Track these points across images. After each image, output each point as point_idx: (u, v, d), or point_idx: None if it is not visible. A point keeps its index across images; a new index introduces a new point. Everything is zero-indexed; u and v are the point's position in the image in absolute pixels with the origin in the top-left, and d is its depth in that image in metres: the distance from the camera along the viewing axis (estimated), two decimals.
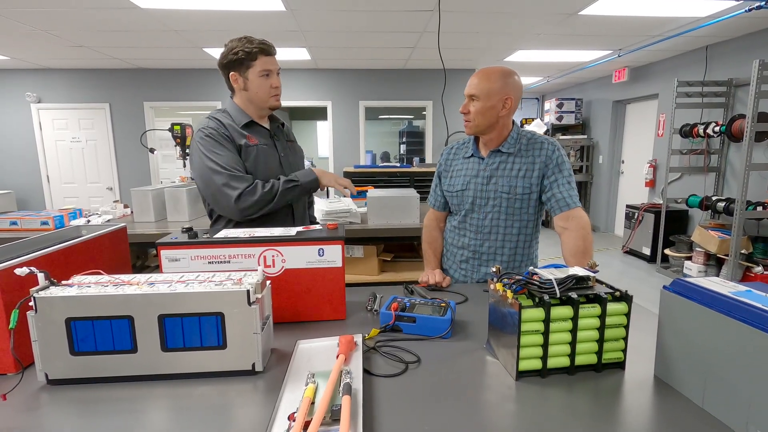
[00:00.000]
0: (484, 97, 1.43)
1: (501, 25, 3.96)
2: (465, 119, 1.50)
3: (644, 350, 0.93)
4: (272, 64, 1.52)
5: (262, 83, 1.51)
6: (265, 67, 1.49)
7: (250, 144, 1.53)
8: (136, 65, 5.62)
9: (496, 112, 1.44)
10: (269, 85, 1.52)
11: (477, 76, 1.45)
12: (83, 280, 0.92)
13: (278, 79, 1.55)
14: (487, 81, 1.43)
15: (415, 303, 1.15)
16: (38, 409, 0.80)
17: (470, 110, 1.47)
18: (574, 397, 0.82)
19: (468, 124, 1.50)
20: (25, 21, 3.65)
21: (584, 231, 1.41)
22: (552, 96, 8.24)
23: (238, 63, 1.49)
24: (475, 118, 1.46)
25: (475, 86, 1.44)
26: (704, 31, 4.09)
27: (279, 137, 1.65)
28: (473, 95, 1.45)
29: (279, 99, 1.57)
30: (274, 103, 1.56)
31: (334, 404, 0.72)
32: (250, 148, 1.52)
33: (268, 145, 1.59)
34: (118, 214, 2.84)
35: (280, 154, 1.62)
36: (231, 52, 1.49)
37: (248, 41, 1.49)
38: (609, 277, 1.24)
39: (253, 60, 1.48)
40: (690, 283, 0.81)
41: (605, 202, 6.92)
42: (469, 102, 1.47)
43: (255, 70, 1.49)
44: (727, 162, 4.68)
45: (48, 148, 5.97)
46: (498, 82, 1.42)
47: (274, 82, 1.53)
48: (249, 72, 1.50)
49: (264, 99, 1.54)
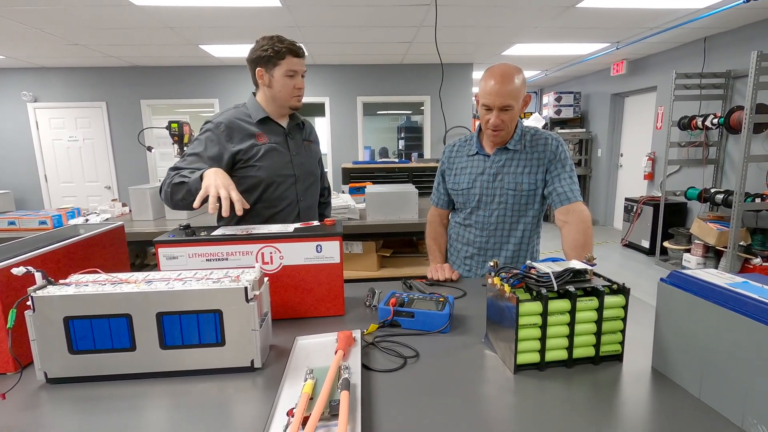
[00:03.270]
0: (516, 103, 1.38)
1: (498, 18, 3.94)
2: (496, 131, 1.42)
3: (642, 342, 0.94)
4: (299, 65, 1.54)
5: (287, 83, 1.53)
6: (291, 68, 1.52)
7: (258, 143, 1.55)
8: (132, 63, 5.60)
9: (519, 112, 1.42)
10: (293, 85, 1.54)
11: (500, 84, 1.35)
12: (81, 279, 0.92)
13: (302, 81, 1.57)
14: (511, 85, 1.35)
15: (413, 298, 1.15)
16: (37, 407, 0.80)
17: (503, 120, 1.39)
18: (572, 390, 0.82)
19: (501, 134, 1.44)
20: (20, 19, 3.63)
21: (584, 225, 1.41)
22: (550, 89, 8.22)
23: (266, 60, 1.52)
24: (508, 126, 1.42)
25: (508, 95, 1.35)
26: (702, 22, 4.07)
27: (294, 136, 1.67)
28: (508, 106, 1.37)
29: (300, 100, 1.59)
30: (296, 104, 1.59)
31: (333, 399, 0.73)
32: (257, 147, 1.54)
33: (279, 144, 1.60)
34: (117, 213, 2.84)
35: (292, 153, 1.63)
36: (260, 49, 1.51)
37: (279, 40, 1.51)
38: (608, 270, 1.24)
39: (280, 59, 1.51)
40: (687, 275, 0.81)
41: (604, 195, 6.92)
42: (500, 113, 1.38)
43: (281, 69, 1.52)
44: (725, 154, 4.68)
45: (45, 148, 5.95)
46: (518, 81, 1.37)
47: (298, 83, 1.55)
48: (275, 70, 1.52)
49: (286, 98, 1.57)
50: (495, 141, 1.49)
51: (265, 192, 1.56)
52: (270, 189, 1.57)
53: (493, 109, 1.39)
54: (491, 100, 1.37)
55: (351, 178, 3.80)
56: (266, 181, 1.55)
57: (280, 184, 1.58)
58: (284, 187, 1.59)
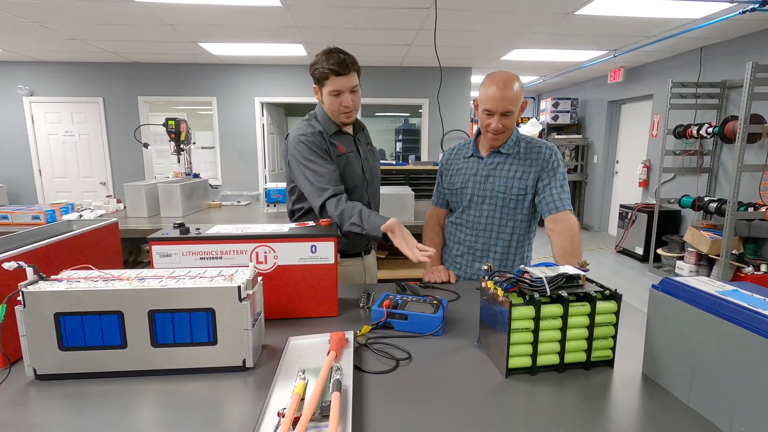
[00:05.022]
0: (515, 108, 1.42)
1: (497, 23, 3.96)
2: (496, 134, 1.46)
3: (633, 348, 0.94)
4: (343, 84, 1.51)
5: (333, 101, 1.54)
6: (335, 88, 1.51)
7: (340, 153, 1.58)
8: (130, 59, 5.57)
9: (517, 117, 1.46)
10: (339, 103, 1.54)
11: (502, 90, 1.39)
12: (73, 275, 0.91)
13: (350, 98, 1.54)
14: (512, 91, 1.39)
15: (407, 300, 1.15)
16: (26, 404, 0.79)
17: (504, 125, 1.43)
18: (563, 395, 0.83)
19: (500, 137, 1.48)
20: (18, 13, 3.60)
21: (571, 233, 1.43)
22: (548, 95, 8.26)
23: (316, 79, 1.55)
24: (508, 130, 1.46)
25: (509, 101, 1.39)
26: (699, 32, 4.11)
27: (361, 142, 1.70)
28: (509, 111, 1.41)
29: (351, 116, 1.59)
30: (345, 120, 1.59)
31: (324, 400, 0.73)
32: (340, 157, 1.57)
33: (353, 152, 1.64)
34: (111, 209, 2.82)
35: (363, 159, 1.67)
36: (313, 67, 1.53)
37: (327, 58, 1.49)
38: (601, 276, 1.25)
39: (325, 80, 1.52)
40: (678, 282, 0.81)
41: (599, 201, 6.96)
42: (501, 118, 1.42)
43: (327, 89, 1.53)
44: (719, 163, 4.72)
45: (40, 142, 5.90)
46: (518, 88, 1.41)
47: (345, 101, 1.53)
48: (323, 89, 1.54)
49: (335, 115, 1.58)
50: (495, 144, 1.52)
51: None
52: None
53: (495, 113, 1.42)
54: (494, 105, 1.41)
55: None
56: (348, 190, 1.57)
57: (355, 189, 1.62)
58: (359, 193, 1.63)
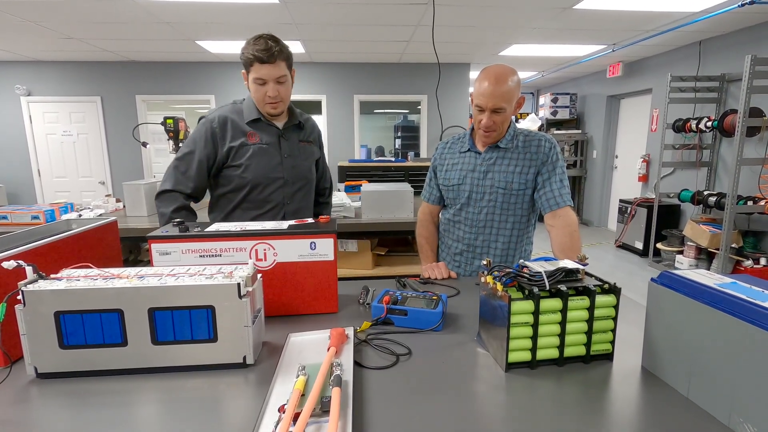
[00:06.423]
0: (508, 105, 1.38)
1: (496, 18, 3.95)
2: (487, 132, 1.43)
3: (632, 342, 0.95)
4: (268, 73, 1.44)
5: (257, 89, 1.48)
6: (258, 76, 1.45)
7: (249, 143, 1.52)
8: (128, 58, 5.55)
9: (511, 114, 1.43)
10: (264, 93, 1.48)
11: (494, 85, 1.35)
12: (72, 273, 0.91)
13: (275, 88, 1.47)
14: (505, 87, 1.35)
15: (407, 296, 1.15)
16: (27, 402, 0.80)
17: (495, 122, 1.40)
18: (562, 388, 0.83)
19: (492, 135, 1.45)
20: (14, 12, 3.59)
21: (570, 228, 1.42)
22: (547, 90, 8.25)
23: (243, 65, 1.49)
24: (500, 128, 1.43)
25: (500, 97, 1.36)
26: (698, 26, 4.10)
27: (290, 137, 1.62)
28: (500, 108, 1.37)
29: (277, 107, 1.52)
30: (270, 111, 1.53)
31: (324, 396, 0.73)
32: (246, 147, 1.52)
33: (271, 145, 1.56)
34: (110, 209, 2.82)
35: (284, 155, 1.59)
36: (240, 51, 1.48)
37: (254, 44, 1.44)
38: (601, 271, 1.25)
39: (249, 66, 1.47)
40: (677, 275, 0.82)
41: (599, 196, 6.96)
42: (492, 114, 1.39)
43: (251, 76, 1.48)
44: (718, 157, 4.72)
45: (39, 142, 5.90)
46: (512, 83, 1.37)
47: (269, 92, 1.47)
48: (249, 75, 1.49)
49: (260, 105, 1.53)
50: (486, 141, 1.50)
51: (251, 193, 1.54)
52: (256, 191, 1.54)
53: (485, 110, 1.39)
54: (484, 101, 1.38)
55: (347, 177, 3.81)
56: (252, 183, 1.53)
57: (267, 186, 1.55)
58: (271, 190, 1.56)
